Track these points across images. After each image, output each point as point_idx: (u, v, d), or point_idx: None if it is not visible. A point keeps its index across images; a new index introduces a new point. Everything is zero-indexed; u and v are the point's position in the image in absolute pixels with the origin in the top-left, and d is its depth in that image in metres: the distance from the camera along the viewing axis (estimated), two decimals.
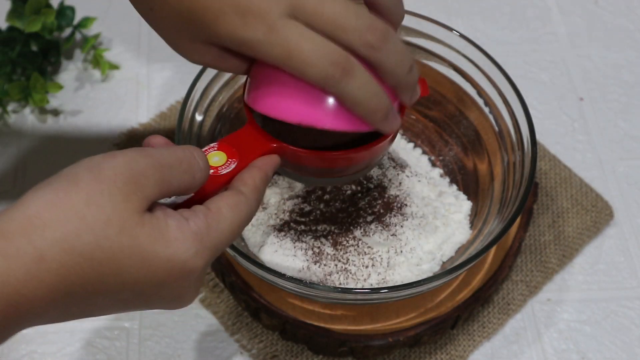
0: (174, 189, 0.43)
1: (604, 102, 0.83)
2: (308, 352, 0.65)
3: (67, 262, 0.38)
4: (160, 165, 0.42)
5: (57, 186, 0.40)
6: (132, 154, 0.42)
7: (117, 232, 0.39)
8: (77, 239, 0.39)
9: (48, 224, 0.38)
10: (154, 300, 0.43)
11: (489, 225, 0.64)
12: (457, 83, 0.70)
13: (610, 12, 0.90)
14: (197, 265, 0.42)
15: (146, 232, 0.40)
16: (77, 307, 0.40)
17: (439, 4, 0.90)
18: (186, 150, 0.44)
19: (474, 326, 0.67)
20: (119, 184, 0.40)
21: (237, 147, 0.50)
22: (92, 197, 0.39)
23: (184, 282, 0.42)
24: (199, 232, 0.42)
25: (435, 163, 0.71)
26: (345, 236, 0.64)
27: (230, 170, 0.48)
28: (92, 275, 0.39)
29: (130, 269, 0.40)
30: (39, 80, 0.77)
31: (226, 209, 0.45)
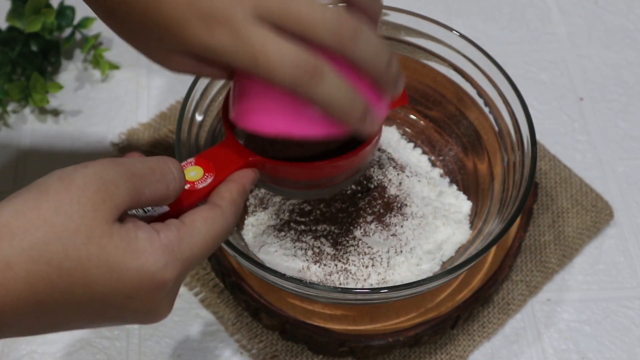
0: (146, 199, 0.42)
1: (604, 102, 0.83)
2: (308, 352, 0.65)
3: (34, 270, 0.38)
4: (131, 174, 0.42)
5: (27, 195, 0.40)
6: (104, 162, 0.41)
7: (85, 241, 0.39)
8: (45, 247, 0.38)
9: (16, 232, 0.38)
10: (126, 313, 0.42)
11: (489, 225, 0.64)
12: (457, 83, 0.70)
13: (610, 12, 0.90)
14: (167, 278, 0.41)
15: (114, 242, 0.40)
16: (48, 318, 0.40)
17: (439, 4, 0.90)
18: (160, 160, 0.44)
19: (474, 326, 0.67)
20: (89, 193, 0.40)
21: (214, 161, 0.49)
22: (61, 205, 0.39)
23: (154, 294, 0.42)
24: (169, 244, 0.42)
25: (435, 163, 0.71)
26: (345, 236, 0.64)
27: (207, 185, 0.48)
28: (60, 284, 0.39)
29: (98, 279, 0.40)
30: (39, 80, 0.77)
31: (200, 222, 0.44)
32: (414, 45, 0.71)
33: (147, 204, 0.43)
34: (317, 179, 0.55)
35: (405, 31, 0.70)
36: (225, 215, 0.46)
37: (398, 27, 0.70)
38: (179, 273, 0.42)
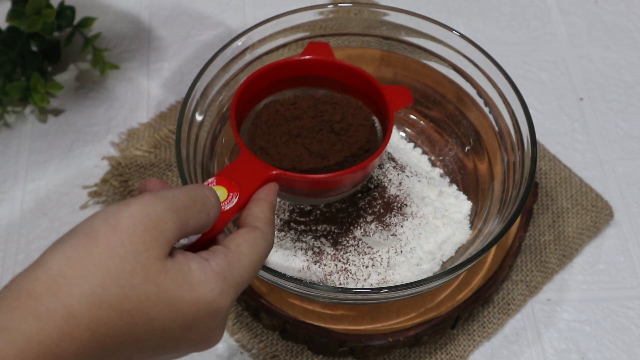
0: (191, 230, 0.43)
1: (604, 102, 0.83)
2: (308, 352, 0.65)
3: (97, 316, 0.38)
4: (176, 207, 0.42)
5: (76, 242, 0.40)
6: (148, 198, 0.41)
7: (142, 281, 0.39)
8: (104, 291, 0.39)
9: (73, 281, 0.38)
10: (182, 343, 0.43)
11: (489, 225, 0.64)
12: (457, 83, 0.70)
13: (610, 12, 0.90)
14: (223, 305, 0.42)
15: (170, 278, 0.40)
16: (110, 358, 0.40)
17: (439, 4, 0.90)
18: (197, 189, 0.45)
19: (474, 326, 0.67)
20: (139, 232, 0.40)
21: (235, 179, 0.50)
22: (112, 248, 0.39)
23: (211, 322, 0.43)
24: (221, 272, 0.43)
25: (435, 163, 0.71)
26: (345, 236, 0.64)
27: (234, 205, 0.49)
28: (122, 326, 0.39)
29: (158, 315, 0.40)
30: (39, 80, 0.77)
31: (245, 246, 0.45)
32: (414, 45, 0.71)
33: (191, 234, 0.44)
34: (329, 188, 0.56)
35: (405, 31, 0.70)
36: (265, 237, 0.47)
37: (398, 27, 0.70)
38: (233, 298, 0.43)
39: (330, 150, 0.58)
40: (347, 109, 0.60)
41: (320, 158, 0.57)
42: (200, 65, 0.66)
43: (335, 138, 0.58)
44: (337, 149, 0.58)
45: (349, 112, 0.60)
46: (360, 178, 0.58)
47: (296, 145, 0.58)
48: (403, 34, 0.70)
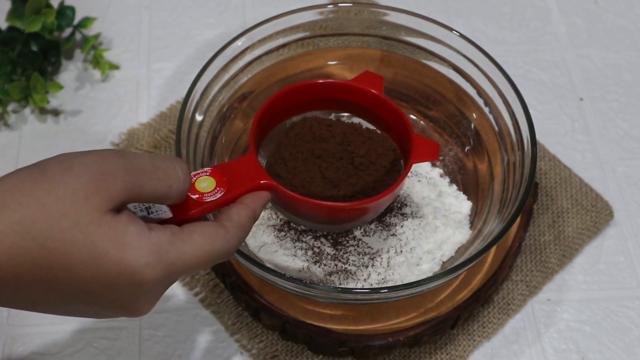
0: (145, 195, 0.42)
1: (604, 102, 0.83)
2: (308, 352, 0.65)
3: (18, 244, 0.39)
4: (132, 168, 0.42)
5: (26, 173, 0.40)
6: (106, 153, 0.42)
7: (72, 226, 0.39)
8: (32, 224, 0.39)
9: (8, 206, 0.39)
10: (103, 302, 0.42)
11: (489, 225, 0.64)
12: (457, 83, 0.70)
13: (610, 12, 0.90)
14: (146, 277, 0.41)
15: (101, 232, 0.40)
16: (27, 293, 0.40)
17: (439, 4, 0.90)
18: (166, 159, 0.44)
19: (474, 326, 0.67)
20: (84, 179, 0.40)
21: (228, 176, 0.49)
22: (55, 188, 0.40)
23: (132, 290, 0.42)
24: (158, 244, 0.42)
25: (435, 163, 0.71)
26: (345, 236, 0.64)
27: (216, 199, 0.48)
28: (41, 262, 0.39)
29: (79, 264, 0.40)
30: (39, 80, 0.77)
31: (199, 234, 0.44)
32: (414, 45, 0.71)
33: (147, 200, 0.43)
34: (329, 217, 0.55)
35: (405, 31, 0.70)
36: (227, 237, 0.45)
37: (398, 27, 0.70)
38: (160, 276, 0.42)
39: (343, 180, 0.57)
40: (376, 147, 0.59)
41: (331, 185, 0.56)
42: (200, 65, 0.66)
43: (353, 170, 0.57)
44: (351, 182, 0.57)
45: (376, 151, 0.59)
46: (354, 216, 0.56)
47: (313, 166, 0.57)
48: (403, 34, 0.70)
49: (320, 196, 0.55)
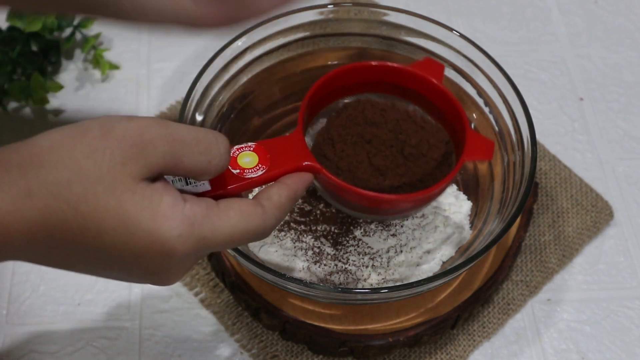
0: (184, 168, 0.42)
1: (604, 102, 0.83)
2: (308, 352, 0.65)
3: (51, 205, 0.39)
4: (173, 139, 0.41)
5: (66, 133, 0.40)
6: (149, 120, 0.41)
7: (106, 192, 0.39)
8: (67, 186, 0.39)
9: (45, 165, 0.39)
10: (132, 270, 0.42)
11: (489, 225, 0.64)
12: (457, 83, 0.70)
13: (610, 12, 0.90)
14: (177, 249, 0.41)
15: (135, 200, 0.40)
16: (57, 253, 0.40)
17: (439, 4, 0.90)
18: (209, 133, 0.43)
19: (474, 326, 0.67)
20: (124, 146, 0.40)
21: (272, 153, 0.47)
22: (93, 151, 0.39)
23: (162, 260, 0.41)
24: (191, 217, 0.41)
25: None
26: (345, 236, 0.64)
27: (257, 176, 0.46)
28: (73, 225, 0.39)
29: (111, 230, 0.40)
30: (39, 80, 0.77)
31: (235, 211, 0.43)
32: (414, 45, 0.71)
33: (185, 174, 0.42)
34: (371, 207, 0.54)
35: (405, 31, 0.70)
36: (264, 217, 0.44)
37: (398, 27, 0.70)
38: (190, 249, 0.41)
39: (391, 170, 0.55)
40: (428, 138, 0.57)
41: (377, 173, 0.55)
42: (200, 65, 0.66)
43: (402, 160, 0.56)
44: (399, 172, 0.55)
45: (428, 142, 0.57)
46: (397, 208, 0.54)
47: (362, 151, 0.55)
48: (403, 34, 0.70)
49: (365, 183, 0.53)
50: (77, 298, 0.69)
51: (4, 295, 0.69)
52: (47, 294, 0.69)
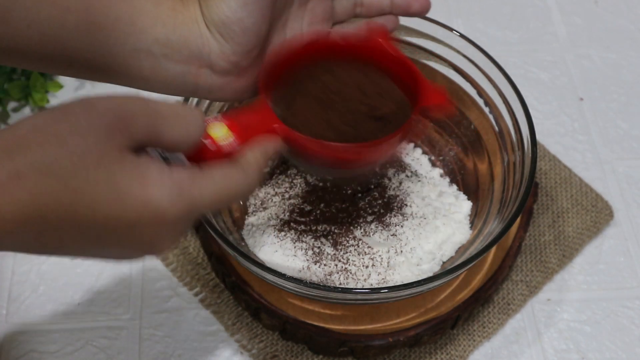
0: (165, 140, 0.43)
1: (604, 102, 0.83)
2: (308, 352, 0.65)
3: (41, 183, 0.39)
4: (153, 112, 0.42)
5: (49, 115, 0.41)
6: (128, 97, 0.42)
7: (94, 164, 0.40)
8: (55, 163, 0.39)
9: (31, 146, 0.39)
10: (125, 241, 0.42)
11: (489, 225, 0.64)
12: (457, 83, 0.70)
13: (610, 12, 0.90)
14: (169, 212, 0.42)
15: (124, 169, 0.40)
16: (50, 235, 0.41)
17: (439, 4, 0.90)
18: (184, 107, 0.45)
19: (474, 326, 0.67)
20: (107, 119, 0.40)
21: (239, 122, 0.49)
22: (77, 127, 0.40)
23: (155, 226, 0.42)
24: (179, 182, 0.42)
25: (435, 163, 0.71)
26: (345, 236, 0.64)
27: (228, 144, 0.48)
28: (65, 201, 0.39)
29: (103, 202, 0.40)
30: (39, 79, 0.77)
31: (218, 173, 0.45)
32: (414, 45, 0.70)
33: (165, 145, 0.44)
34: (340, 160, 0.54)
35: (405, 31, 0.70)
36: (246, 175, 0.46)
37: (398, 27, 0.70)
38: (183, 210, 0.42)
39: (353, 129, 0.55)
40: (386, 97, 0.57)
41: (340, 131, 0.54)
42: None
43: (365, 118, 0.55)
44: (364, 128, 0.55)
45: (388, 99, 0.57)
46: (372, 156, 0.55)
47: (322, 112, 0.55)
48: (403, 34, 0.70)
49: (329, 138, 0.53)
50: (77, 298, 0.69)
51: (4, 295, 0.69)
52: (47, 294, 0.69)
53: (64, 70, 0.53)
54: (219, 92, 0.54)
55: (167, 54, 0.51)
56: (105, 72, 0.52)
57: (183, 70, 0.52)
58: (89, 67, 0.51)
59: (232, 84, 0.53)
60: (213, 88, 0.53)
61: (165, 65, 0.52)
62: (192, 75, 0.52)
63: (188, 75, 0.52)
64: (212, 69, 0.52)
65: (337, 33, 0.58)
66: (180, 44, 0.51)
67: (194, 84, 0.53)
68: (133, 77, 0.52)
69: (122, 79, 0.53)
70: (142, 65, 0.51)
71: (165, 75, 0.52)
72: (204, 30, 0.51)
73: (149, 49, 0.51)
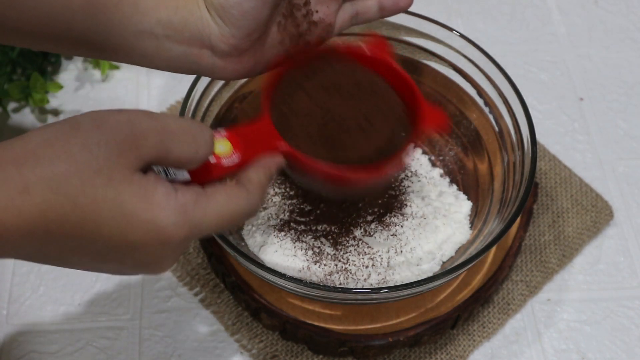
0: (173, 158, 0.43)
1: (604, 102, 0.83)
2: (308, 352, 0.65)
3: (50, 199, 0.39)
4: (163, 130, 0.42)
5: (59, 128, 0.41)
6: (138, 113, 0.42)
7: (104, 183, 0.40)
8: (65, 180, 0.39)
9: (41, 161, 0.39)
10: (126, 260, 0.43)
11: (489, 225, 0.64)
12: (457, 83, 0.70)
13: (610, 12, 0.90)
14: (173, 235, 0.42)
15: (132, 190, 0.41)
16: (53, 248, 0.41)
17: (439, 4, 0.90)
18: (193, 123, 0.45)
19: (474, 326, 0.67)
20: (118, 138, 0.41)
21: (243, 140, 0.49)
22: (88, 144, 0.40)
23: (159, 249, 0.42)
24: (184, 205, 0.42)
25: (435, 163, 0.71)
26: (345, 236, 0.64)
27: (234, 164, 0.48)
28: (71, 218, 0.40)
29: (109, 221, 0.40)
30: (39, 80, 0.77)
31: (222, 195, 0.45)
32: (414, 45, 0.71)
33: (173, 163, 0.44)
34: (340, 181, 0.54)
35: (405, 31, 0.70)
36: (249, 197, 0.46)
37: (398, 27, 0.70)
38: (186, 235, 0.43)
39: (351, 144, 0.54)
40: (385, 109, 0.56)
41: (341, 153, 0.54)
42: None
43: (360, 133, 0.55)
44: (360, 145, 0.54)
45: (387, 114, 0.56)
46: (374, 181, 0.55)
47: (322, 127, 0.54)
48: (403, 34, 0.70)
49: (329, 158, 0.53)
50: (77, 298, 0.69)
51: (4, 296, 0.69)
52: (47, 294, 0.69)
53: (70, 50, 0.53)
54: (220, 72, 0.54)
55: (170, 35, 0.52)
56: (110, 51, 0.52)
57: (185, 50, 0.53)
58: (95, 47, 0.52)
59: (233, 65, 0.54)
60: (215, 68, 0.54)
61: (168, 45, 0.52)
62: (194, 55, 0.53)
63: (190, 56, 0.53)
64: (212, 51, 0.53)
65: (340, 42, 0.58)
66: (182, 25, 0.52)
67: (196, 64, 0.54)
68: (137, 56, 0.53)
69: (127, 57, 0.53)
70: (146, 45, 0.52)
71: (168, 55, 0.53)
72: (205, 13, 0.52)
73: (151, 30, 0.51)
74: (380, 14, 0.58)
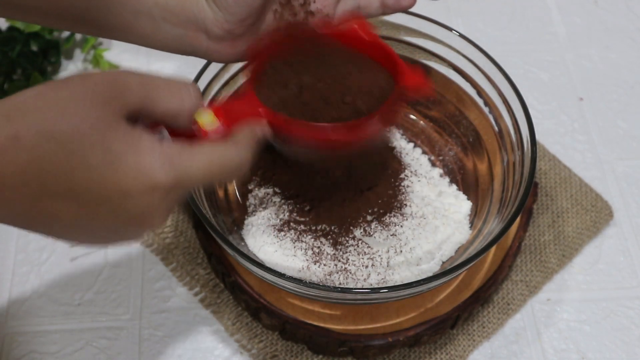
0: (159, 111, 0.44)
1: (603, 102, 0.83)
2: (308, 352, 0.65)
3: (40, 145, 0.40)
4: (148, 83, 0.44)
5: (48, 84, 0.42)
6: (124, 71, 0.44)
7: (91, 128, 0.41)
8: (54, 126, 0.40)
9: (31, 111, 0.41)
10: (120, 212, 0.43)
11: (489, 225, 0.64)
12: (457, 83, 0.70)
13: (610, 12, 0.90)
14: (161, 179, 0.42)
15: (119, 136, 0.42)
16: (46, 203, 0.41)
17: (439, 4, 0.90)
18: (179, 79, 0.46)
19: (474, 326, 0.67)
20: (102, 87, 0.42)
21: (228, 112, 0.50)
22: (75, 94, 0.41)
23: (148, 195, 0.43)
24: (169, 154, 0.43)
25: (435, 163, 0.71)
26: (345, 236, 0.64)
27: (215, 129, 0.48)
28: (63, 165, 0.41)
29: (99, 165, 0.41)
30: (39, 80, 0.77)
31: (208, 147, 0.45)
32: (414, 45, 0.71)
33: (159, 115, 0.45)
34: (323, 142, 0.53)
35: (405, 31, 0.70)
36: (238, 149, 0.47)
37: (398, 27, 0.70)
38: (174, 181, 0.43)
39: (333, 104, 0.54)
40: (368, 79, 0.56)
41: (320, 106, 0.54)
42: (200, 66, 0.66)
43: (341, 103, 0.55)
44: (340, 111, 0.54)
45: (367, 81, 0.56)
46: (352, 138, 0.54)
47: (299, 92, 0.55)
48: (403, 34, 0.70)
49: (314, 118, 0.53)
50: (77, 298, 0.69)
51: (4, 296, 0.69)
52: (47, 294, 0.69)
53: (71, 27, 0.55)
54: (215, 55, 0.56)
55: (166, 17, 0.53)
56: (110, 30, 0.54)
57: (181, 33, 0.54)
58: (95, 25, 0.54)
59: (227, 48, 0.55)
60: (209, 51, 0.55)
61: (165, 27, 0.54)
62: (190, 37, 0.55)
63: (186, 38, 0.55)
64: (207, 34, 0.54)
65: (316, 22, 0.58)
66: (178, 9, 0.53)
67: (191, 46, 0.55)
68: (136, 35, 0.54)
69: (125, 36, 0.55)
70: (144, 25, 0.54)
71: (165, 36, 0.54)
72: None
73: (149, 12, 0.53)
74: (382, 10, 0.58)
